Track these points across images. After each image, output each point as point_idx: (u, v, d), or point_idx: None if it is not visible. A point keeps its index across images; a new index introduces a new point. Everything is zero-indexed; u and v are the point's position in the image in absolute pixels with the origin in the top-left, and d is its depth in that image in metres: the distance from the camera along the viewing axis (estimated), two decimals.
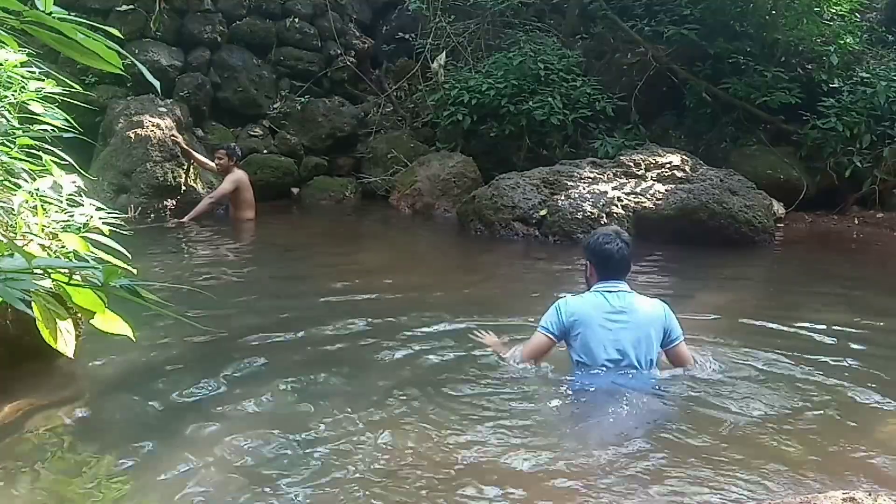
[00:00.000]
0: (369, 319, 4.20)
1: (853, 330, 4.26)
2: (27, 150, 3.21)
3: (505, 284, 5.46)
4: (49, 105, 3.36)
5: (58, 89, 3.33)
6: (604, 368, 3.17)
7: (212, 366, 3.37)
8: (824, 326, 4.31)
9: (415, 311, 4.40)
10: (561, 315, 3.23)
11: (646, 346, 3.20)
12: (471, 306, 4.57)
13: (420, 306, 4.53)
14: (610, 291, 3.24)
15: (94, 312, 1.53)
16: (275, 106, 9.57)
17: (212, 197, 7.56)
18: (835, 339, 4.07)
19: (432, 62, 9.95)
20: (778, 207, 8.02)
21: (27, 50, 3.16)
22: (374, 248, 6.91)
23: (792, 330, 4.21)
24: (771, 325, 4.29)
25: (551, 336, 3.25)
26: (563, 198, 6.97)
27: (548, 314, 3.28)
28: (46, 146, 3.28)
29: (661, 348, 3.28)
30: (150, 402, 3.02)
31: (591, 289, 3.32)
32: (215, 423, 2.80)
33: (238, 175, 7.58)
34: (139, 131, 7.73)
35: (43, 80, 3.31)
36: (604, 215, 6.75)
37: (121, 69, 1.55)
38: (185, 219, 7.28)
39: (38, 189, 2.96)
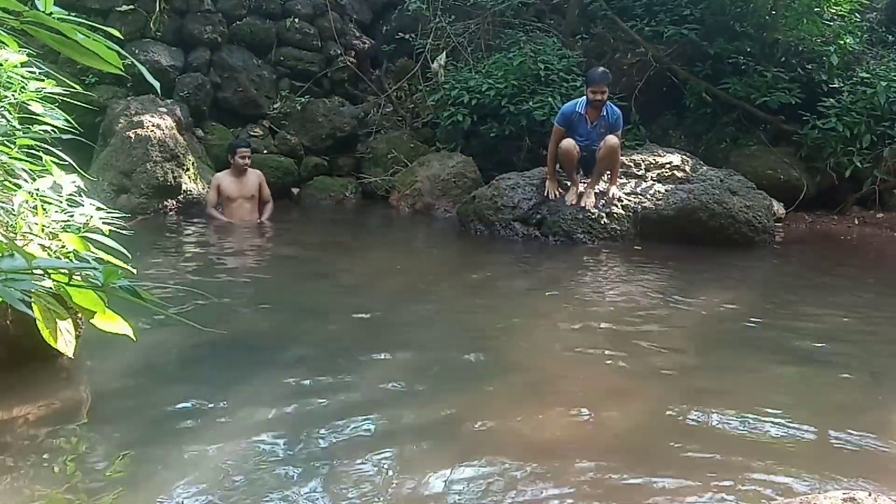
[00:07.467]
0: (370, 319, 4.21)
1: (853, 330, 4.27)
2: (27, 150, 3.21)
3: (506, 284, 5.46)
4: (49, 105, 3.35)
5: (58, 89, 3.33)
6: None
7: (213, 366, 3.37)
8: (824, 327, 4.31)
9: (415, 311, 4.41)
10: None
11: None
12: (470, 306, 4.58)
13: (420, 306, 4.54)
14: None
15: (95, 312, 1.54)
16: (275, 106, 9.57)
17: (270, 200, 7.68)
18: (835, 340, 4.07)
19: (432, 62, 9.94)
20: (778, 207, 8.02)
21: (27, 50, 3.16)
22: (375, 248, 6.91)
23: (791, 330, 4.22)
24: (770, 324, 4.30)
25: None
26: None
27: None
28: (46, 146, 3.28)
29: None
30: (150, 403, 3.02)
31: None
32: (216, 424, 2.80)
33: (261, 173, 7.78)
34: (139, 131, 7.72)
35: (43, 80, 3.30)
36: (604, 215, 6.75)
37: (121, 69, 1.55)
38: (264, 218, 7.50)
39: (38, 189, 2.95)
